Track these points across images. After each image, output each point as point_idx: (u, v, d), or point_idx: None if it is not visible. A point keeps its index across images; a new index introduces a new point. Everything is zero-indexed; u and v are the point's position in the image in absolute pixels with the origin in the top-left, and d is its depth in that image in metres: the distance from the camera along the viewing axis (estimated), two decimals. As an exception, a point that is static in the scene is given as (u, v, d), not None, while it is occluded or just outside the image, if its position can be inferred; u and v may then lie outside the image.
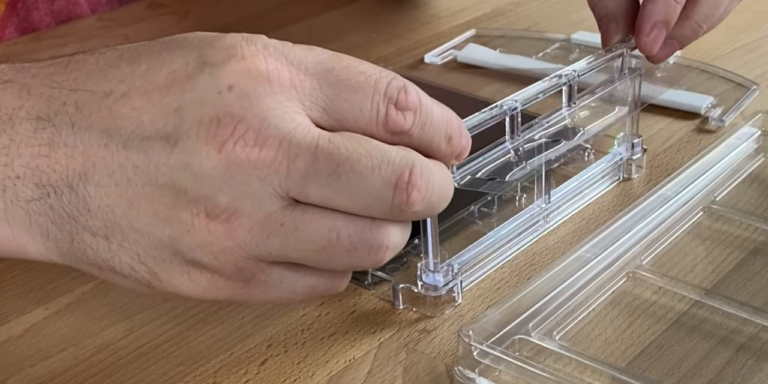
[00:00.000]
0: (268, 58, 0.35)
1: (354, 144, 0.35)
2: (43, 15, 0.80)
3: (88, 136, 0.35)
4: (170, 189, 0.35)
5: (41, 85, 0.36)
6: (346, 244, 0.36)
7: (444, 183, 0.38)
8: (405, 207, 0.36)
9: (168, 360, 0.45)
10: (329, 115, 0.36)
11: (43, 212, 0.36)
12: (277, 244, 0.35)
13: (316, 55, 0.37)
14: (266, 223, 0.35)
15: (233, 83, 0.34)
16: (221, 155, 0.34)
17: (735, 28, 0.76)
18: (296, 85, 0.35)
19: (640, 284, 0.49)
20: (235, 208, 0.35)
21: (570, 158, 0.57)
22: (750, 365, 0.43)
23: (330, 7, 0.83)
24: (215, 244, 0.35)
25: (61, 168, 0.35)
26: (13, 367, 0.45)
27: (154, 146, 0.35)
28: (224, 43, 0.36)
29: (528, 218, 0.52)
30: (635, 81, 0.54)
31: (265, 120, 0.34)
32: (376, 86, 0.36)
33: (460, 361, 0.43)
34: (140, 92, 0.35)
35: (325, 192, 0.35)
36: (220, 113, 0.34)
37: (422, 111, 0.37)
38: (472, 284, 0.49)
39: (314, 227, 0.35)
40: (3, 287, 0.50)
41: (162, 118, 0.35)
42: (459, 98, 0.65)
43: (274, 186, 0.35)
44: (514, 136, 0.47)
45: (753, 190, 0.56)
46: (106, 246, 0.36)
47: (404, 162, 0.36)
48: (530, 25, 0.78)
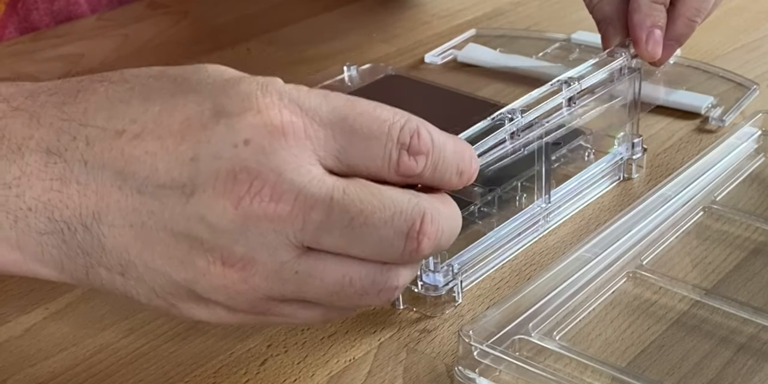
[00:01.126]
0: (283, 109, 0.35)
1: (368, 196, 0.36)
2: (42, 15, 0.80)
3: (101, 176, 0.35)
4: (186, 238, 0.35)
5: (50, 116, 0.36)
6: (357, 288, 0.37)
7: (452, 223, 0.38)
8: (415, 254, 0.37)
9: (168, 360, 0.45)
10: (342, 162, 0.36)
11: (56, 245, 0.36)
12: (292, 289, 0.36)
13: (330, 103, 0.36)
14: (281, 271, 0.36)
15: (249, 137, 0.34)
16: (238, 211, 0.34)
17: (735, 28, 0.76)
18: (311, 137, 0.35)
19: (640, 284, 0.49)
20: (251, 257, 0.35)
21: (570, 158, 0.57)
22: (750, 365, 0.43)
23: (330, 7, 0.83)
24: (230, 288, 0.36)
25: (74, 205, 0.35)
26: (13, 367, 0.45)
27: (169, 195, 0.35)
28: (239, 92, 0.35)
29: (528, 218, 0.52)
30: (635, 81, 0.54)
31: (281, 175, 0.34)
32: (389, 134, 0.36)
33: (460, 361, 0.43)
34: (154, 136, 0.35)
35: (339, 242, 0.36)
36: (236, 168, 0.34)
37: (434, 152, 0.37)
38: (472, 284, 0.49)
39: (328, 274, 0.36)
40: (3, 287, 0.50)
41: (177, 168, 0.35)
42: (459, 98, 0.65)
43: (289, 237, 0.35)
44: (513, 137, 0.47)
45: (753, 190, 0.56)
46: (123, 281, 0.36)
47: (416, 211, 0.36)
48: (530, 25, 0.78)
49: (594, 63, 0.53)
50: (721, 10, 0.79)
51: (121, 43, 0.77)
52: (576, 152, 0.58)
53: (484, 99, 0.65)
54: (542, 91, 0.49)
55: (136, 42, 0.77)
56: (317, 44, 0.76)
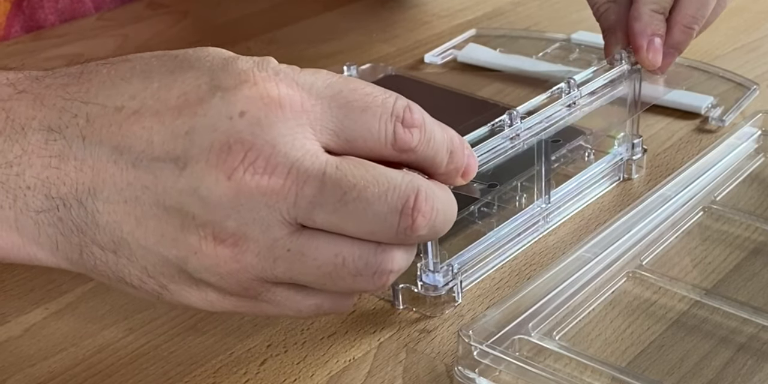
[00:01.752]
0: (280, 83, 0.36)
1: (361, 171, 0.36)
2: (48, 13, 0.80)
3: (98, 151, 0.35)
4: (178, 212, 0.35)
5: (54, 96, 0.36)
6: (351, 269, 0.36)
7: (448, 206, 0.38)
8: (410, 232, 0.36)
9: (168, 360, 0.45)
10: (339, 137, 0.36)
11: (52, 223, 0.36)
12: (283, 268, 0.36)
13: (325, 79, 0.37)
14: (273, 249, 0.35)
15: (245, 109, 0.35)
16: (231, 182, 0.34)
17: (735, 28, 0.76)
18: (307, 110, 0.36)
19: (640, 284, 0.49)
20: (243, 233, 0.35)
21: (570, 158, 0.57)
22: (750, 365, 0.43)
23: (330, 7, 0.83)
24: (222, 267, 0.35)
25: (71, 181, 0.35)
26: (13, 367, 0.45)
27: (163, 168, 0.35)
28: (236, 68, 0.36)
29: (528, 218, 0.52)
30: (635, 81, 0.54)
31: (275, 147, 0.34)
32: (383, 106, 0.37)
33: (460, 361, 0.43)
34: (152, 111, 0.35)
35: (332, 218, 0.35)
36: (231, 139, 0.34)
37: (426, 128, 0.37)
38: (472, 284, 0.49)
39: (320, 253, 0.36)
40: (3, 287, 0.50)
41: (172, 141, 0.35)
42: (459, 98, 0.65)
43: (282, 212, 0.35)
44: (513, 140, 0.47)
45: (753, 190, 0.56)
46: (115, 260, 0.36)
47: (410, 188, 0.36)
48: (530, 25, 0.78)
49: (595, 69, 0.53)
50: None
51: (121, 43, 0.77)
52: (576, 152, 0.58)
53: (484, 99, 0.65)
54: (542, 98, 0.49)
55: (136, 42, 0.78)
56: (317, 44, 0.76)
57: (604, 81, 0.53)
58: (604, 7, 0.58)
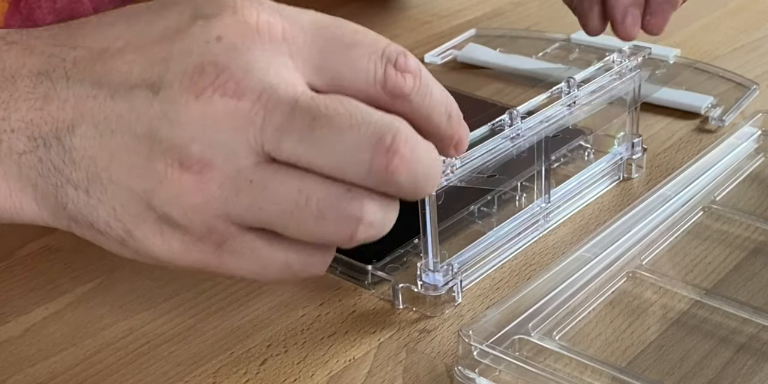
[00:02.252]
0: (262, 12, 0.35)
1: (336, 103, 0.34)
2: (45, 13, 0.80)
3: (79, 88, 0.35)
4: (147, 138, 0.34)
5: (44, 45, 0.37)
6: (313, 209, 0.34)
7: (432, 161, 0.35)
8: (384, 174, 0.34)
9: (168, 360, 0.45)
10: (322, 73, 0.35)
11: (33, 165, 0.36)
12: (246, 203, 0.34)
13: (312, 15, 0.36)
14: (237, 179, 0.34)
15: (222, 34, 0.34)
16: (198, 103, 0.34)
17: (735, 28, 0.76)
18: (288, 39, 0.35)
19: (640, 284, 0.49)
20: (208, 159, 0.34)
21: (570, 158, 0.57)
22: (750, 365, 0.43)
23: (330, 7, 0.83)
24: (186, 198, 0.34)
25: (53, 120, 0.35)
26: (13, 367, 0.45)
27: (138, 95, 0.35)
28: (220, 0, 0.36)
29: (528, 218, 0.52)
30: (635, 81, 0.54)
31: (249, 72, 0.34)
32: (374, 45, 0.35)
33: (460, 361, 0.43)
34: (134, 47, 0.35)
35: (299, 148, 0.34)
36: (205, 61, 0.34)
37: (422, 79, 0.36)
38: (472, 284, 0.49)
39: (284, 187, 0.34)
40: (3, 287, 0.50)
41: (149, 68, 0.35)
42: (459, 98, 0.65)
43: (248, 138, 0.34)
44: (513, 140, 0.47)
45: (753, 190, 0.56)
46: (86, 200, 0.36)
47: (388, 126, 0.34)
48: (530, 25, 0.78)
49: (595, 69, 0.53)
50: (721, 10, 0.79)
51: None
52: (576, 152, 0.58)
53: (484, 99, 0.65)
54: (542, 98, 0.49)
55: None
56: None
57: (604, 81, 0.53)
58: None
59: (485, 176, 0.46)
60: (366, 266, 0.48)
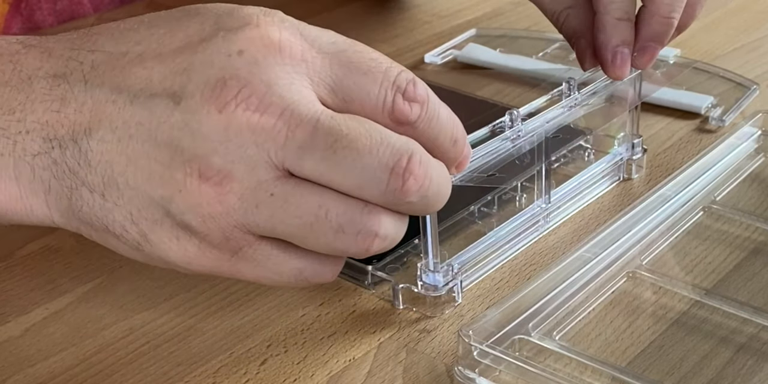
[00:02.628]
0: (283, 30, 0.36)
1: (356, 124, 0.35)
2: (46, 14, 0.80)
3: (98, 93, 0.36)
4: (168, 147, 0.35)
5: (62, 48, 0.37)
6: (333, 223, 0.36)
7: (442, 180, 0.37)
8: (399, 194, 0.35)
9: (168, 360, 0.45)
10: (336, 95, 0.36)
11: (47, 166, 0.36)
12: (265, 215, 0.35)
13: (331, 37, 0.37)
14: (257, 191, 0.35)
15: (244, 48, 0.35)
16: (221, 116, 0.34)
17: (735, 28, 0.76)
18: (307, 60, 0.36)
19: (640, 284, 0.49)
20: (228, 171, 0.35)
21: (570, 158, 0.57)
22: (750, 365, 0.43)
23: (330, 7, 0.83)
24: (205, 208, 0.35)
25: (69, 123, 0.36)
26: (13, 367, 0.45)
27: (158, 104, 0.35)
28: (242, 13, 0.36)
29: (528, 218, 0.52)
30: (635, 81, 0.54)
31: (271, 87, 0.34)
32: (386, 73, 0.36)
33: (460, 361, 0.43)
34: (154, 53, 0.36)
35: (320, 167, 0.35)
36: (226, 75, 0.34)
37: (430, 106, 0.37)
38: (472, 284, 0.49)
39: (304, 201, 0.35)
40: (3, 287, 0.50)
41: (171, 77, 0.35)
42: (459, 98, 0.65)
43: (270, 154, 0.35)
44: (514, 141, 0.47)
45: (753, 190, 0.56)
46: (102, 203, 0.36)
47: (404, 148, 0.35)
48: (530, 25, 0.78)
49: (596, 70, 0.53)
50: (721, 10, 0.79)
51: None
52: (576, 152, 0.58)
53: (484, 99, 0.65)
54: (543, 100, 0.49)
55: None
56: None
57: (605, 81, 0.53)
58: (564, 15, 0.55)
59: (485, 176, 0.46)
60: (366, 266, 0.48)
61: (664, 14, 0.52)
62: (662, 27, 0.52)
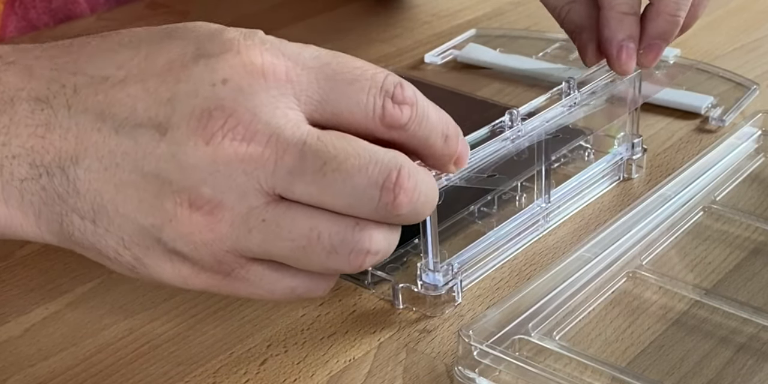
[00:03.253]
0: (265, 52, 0.36)
1: (343, 143, 0.35)
2: (41, 13, 0.80)
3: (83, 120, 0.35)
4: (156, 178, 0.35)
5: (43, 67, 0.37)
6: (326, 244, 0.36)
7: (430, 189, 0.37)
8: (391, 208, 0.36)
9: (168, 360, 0.45)
10: (325, 109, 0.36)
11: (35, 192, 0.36)
12: (258, 240, 0.35)
13: (313, 51, 0.37)
14: (248, 218, 0.35)
15: (227, 77, 0.35)
16: (209, 147, 0.34)
17: (735, 28, 0.76)
18: (292, 80, 0.36)
19: (640, 284, 0.49)
20: (219, 200, 0.35)
21: (570, 158, 0.57)
22: (750, 365, 0.43)
23: (330, 7, 0.83)
24: (196, 236, 0.35)
25: (55, 149, 0.36)
26: (13, 367, 0.45)
27: (144, 134, 0.35)
28: (222, 37, 0.36)
29: (528, 218, 0.52)
30: (635, 81, 0.54)
31: (256, 115, 0.34)
32: (373, 79, 0.36)
33: (460, 361, 0.43)
34: (137, 79, 0.35)
35: (311, 189, 0.35)
36: (212, 106, 0.34)
37: (419, 107, 0.37)
38: (472, 284, 0.49)
39: (296, 225, 0.35)
40: (3, 287, 0.50)
41: (155, 107, 0.35)
42: (459, 98, 0.65)
43: (259, 181, 0.35)
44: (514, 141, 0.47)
45: (753, 190, 0.56)
46: (93, 229, 0.36)
47: (392, 163, 0.36)
48: (530, 25, 0.78)
49: (595, 69, 0.53)
50: (721, 10, 0.79)
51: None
52: (576, 152, 0.58)
53: (484, 99, 0.65)
54: (542, 100, 0.49)
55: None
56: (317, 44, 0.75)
57: (605, 81, 0.53)
58: (566, 10, 0.55)
59: (485, 176, 0.46)
60: (366, 266, 0.48)
61: (671, 12, 0.52)
62: (669, 25, 0.52)
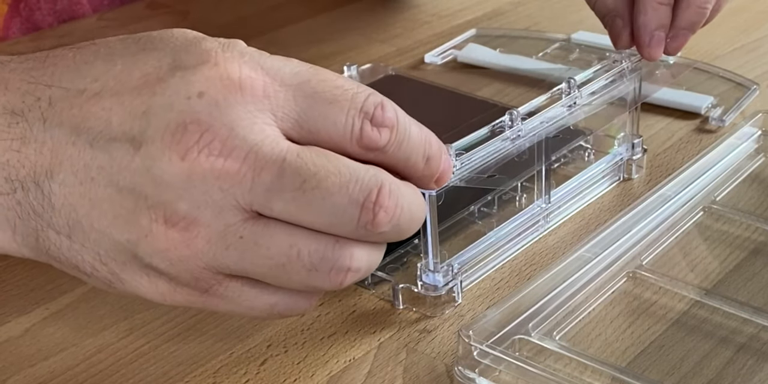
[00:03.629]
0: (243, 66, 0.35)
1: (323, 160, 0.34)
2: (45, 15, 0.80)
3: (58, 133, 0.35)
4: (131, 193, 0.34)
5: (18, 80, 0.36)
6: (306, 262, 0.35)
7: (414, 206, 0.37)
8: (371, 227, 0.35)
9: (168, 360, 0.45)
10: (302, 127, 0.35)
11: (11, 207, 0.36)
12: (235, 257, 0.35)
13: (294, 67, 0.36)
14: (225, 235, 0.34)
15: (204, 90, 0.34)
16: (184, 163, 0.33)
17: (735, 28, 0.76)
18: (269, 95, 0.35)
19: (640, 284, 0.49)
20: (195, 217, 0.34)
21: (570, 158, 0.57)
22: (750, 365, 0.43)
23: (330, 7, 0.83)
24: (172, 252, 0.35)
25: (30, 164, 0.35)
26: (13, 367, 0.45)
27: (119, 148, 0.34)
28: (199, 48, 0.35)
29: (528, 218, 0.52)
30: (635, 81, 0.54)
31: (233, 130, 0.34)
32: (353, 100, 0.35)
33: (460, 361, 0.43)
34: (112, 92, 0.35)
35: (290, 207, 0.34)
36: (187, 120, 0.34)
37: (399, 129, 0.36)
38: (472, 284, 0.49)
39: (274, 242, 0.35)
40: (3, 287, 0.50)
41: (129, 121, 0.34)
42: (459, 98, 0.65)
43: (237, 198, 0.34)
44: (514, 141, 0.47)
45: (753, 190, 0.56)
46: (69, 244, 0.36)
47: (373, 181, 0.35)
48: (530, 25, 0.78)
49: (596, 70, 0.53)
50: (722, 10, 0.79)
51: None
52: (576, 152, 0.58)
53: (484, 99, 0.65)
54: (542, 99, 0.49)
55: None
56: (317, 44, 0.76)
57: (605, 81, 0.53)
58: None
59: (485, 176, 0.46)
60: (366, 266, 0.48)
61: (701, 4, 0.54)
62: (697, 16, 0.55)
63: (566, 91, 0.50)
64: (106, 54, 0.36)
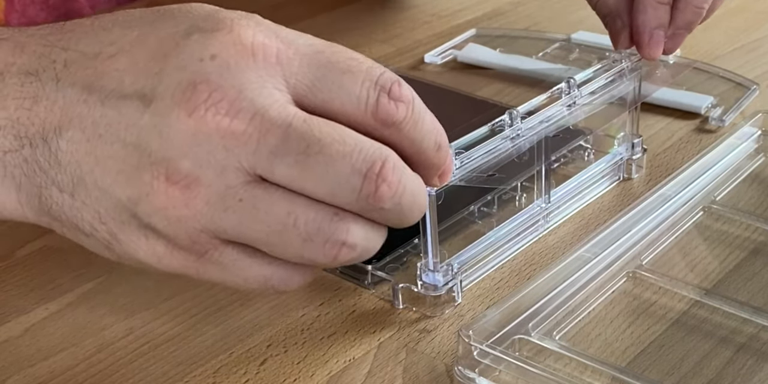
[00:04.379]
0: (258, 33, 0.35)
1: (329, 128, 0.34)
2: (38, 10, 0.80)
3: (70, 92, 0.35)
4: (136, 149, 0.35)
5: (35, 44, 0.37)
6: (302, 231, 0.35)
7: (418, 191, 0.36)
8: (372, 200, 0.35)
9: (168, 360, 0.45)
10: (315, 96, 0.35)
11: (18, 164, 0.36)
12: (233, 221, 0.35)
13: (309, 39, 0.37)
14: (225, 196, 0.34)
15: (216, 53, 0.34)
16: (191, 120, 0.34)
17: (735, 28, 0.76)
18: (282, 62, 0.35)
19: (640, 284, 0.49)
20: (197, 176, 0.34)
21: (570, 158, 0.57)
22: (750, 365, 0.43)
23: (330, 7, 0.83)
24: (171, 211, 0.35)
25: (40, 121, 0.36)
26: (13, 367, 0.45)
27: (129, 105, 0.35)
28: (217, 16, 0.36)
29: (528, 218, 0.52)
30: (635, 81, 0.54)
31: (242, 92, 0.34)
32: (368, 72, 0.35)
33: (460, 361, 0.43)
34: (127, 55, 0.35)
35: (292, 172, 0.34)
36: (197, 79, 0.34)
37: (415, 108, 0.36)
38: (472, 284, 0.49)
39: (273, 208, 0.35)
40: (3, 287, 0.50)
41: (142, 80, 0.35)
42: (459, 98, 0.65)
43: (240, 159, 0.34)
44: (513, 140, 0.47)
45: (753, 190, 0.56)
46: (71, 202, 0.36)
47: (378, 154, 0.35)
48: (530, 25, 0.78)
49: (595, 69, 0.53)
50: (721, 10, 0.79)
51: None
52: (576, 152, 0.58)
53: (484, 99, 0.65)
54: (542, 98, 0.49)
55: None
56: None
57: (604, 81, 0.53)
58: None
59: (485, 176, 0.46)
60: (366, 266, 0.48)
61: (698, 4, 0.55)
62: (694, 16, 0.56)
63: (566, 91, 0.50)
64: (125, 21, 0.37)
